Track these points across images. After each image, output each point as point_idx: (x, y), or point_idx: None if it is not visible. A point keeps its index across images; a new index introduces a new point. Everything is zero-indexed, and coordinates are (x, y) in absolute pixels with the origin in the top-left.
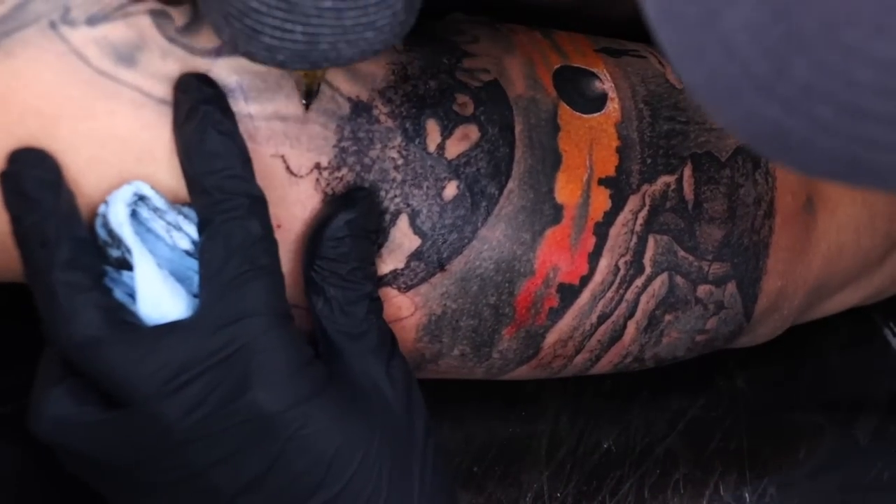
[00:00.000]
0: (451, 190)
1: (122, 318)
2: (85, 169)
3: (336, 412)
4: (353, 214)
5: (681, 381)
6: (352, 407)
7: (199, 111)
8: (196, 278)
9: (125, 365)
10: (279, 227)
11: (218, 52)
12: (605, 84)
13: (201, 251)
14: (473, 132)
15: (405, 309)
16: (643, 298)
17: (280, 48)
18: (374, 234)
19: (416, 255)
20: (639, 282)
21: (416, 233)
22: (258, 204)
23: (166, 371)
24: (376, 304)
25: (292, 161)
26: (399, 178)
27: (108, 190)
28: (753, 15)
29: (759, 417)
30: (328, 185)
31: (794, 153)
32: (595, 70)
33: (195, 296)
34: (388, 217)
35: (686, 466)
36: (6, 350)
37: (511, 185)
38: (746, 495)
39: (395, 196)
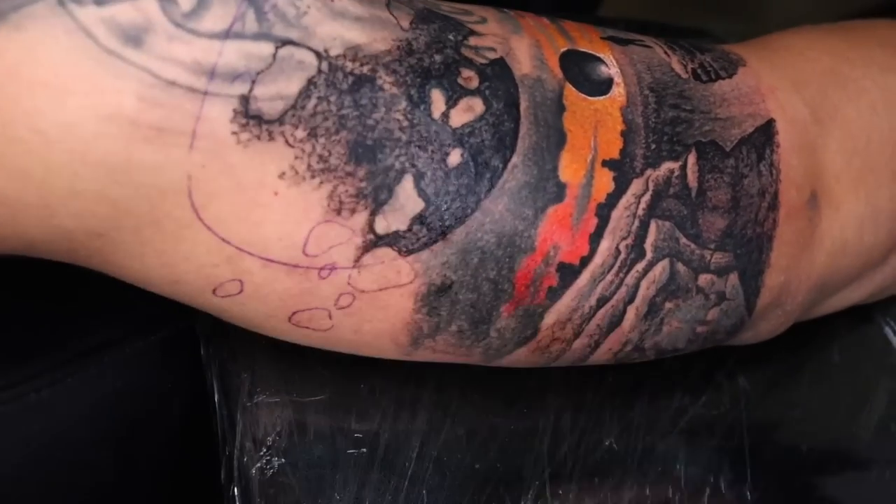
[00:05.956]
0: (455, 157)
1: None
2: (92, 143)
3: None
4: None
5: (682, 379)
6: None
7: None
8: None
9: None
10: None
11: (226, 35)
12: (612, 69)
13: None
14: (478, 105)
15: (405, 274)
16: (643, 284)
17: None
18: None
19: (418, 219)
20: (639, 266)
21: (419, 195)
22: None
23: None
24: None
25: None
26: (404, 138)
27: (114, 165)
28: None
29: (760, 416)
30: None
31: None
32: (601, 55)
33: None
34: (392, 174)
35: (687, 464)
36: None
37: (515, 159)
38: (748, 493)
39: (401, 155)
